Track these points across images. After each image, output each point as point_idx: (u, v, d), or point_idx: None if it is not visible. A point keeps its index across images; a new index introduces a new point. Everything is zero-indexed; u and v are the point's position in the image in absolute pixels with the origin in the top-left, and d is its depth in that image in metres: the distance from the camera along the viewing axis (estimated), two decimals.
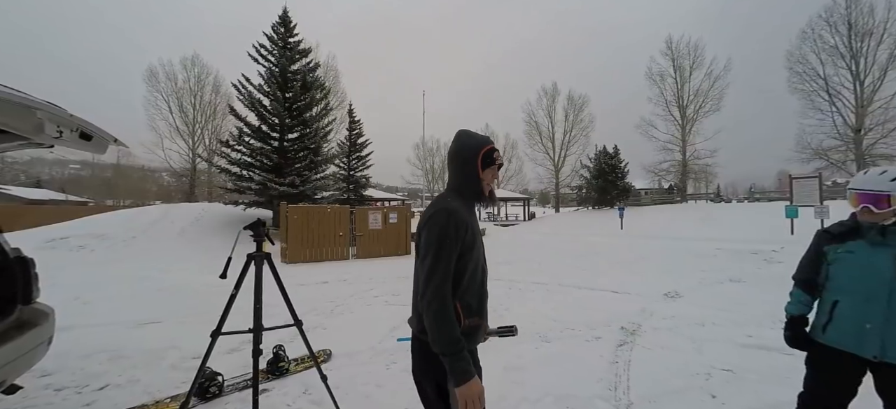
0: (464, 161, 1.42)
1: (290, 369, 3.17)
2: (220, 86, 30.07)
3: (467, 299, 1.35)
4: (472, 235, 1.35)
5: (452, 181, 1.45)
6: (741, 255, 9.94)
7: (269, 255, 2.11)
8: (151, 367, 3.38)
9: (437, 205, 1.35)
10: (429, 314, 1.23)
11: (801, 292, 1.90)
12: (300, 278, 7.96)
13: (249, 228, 2.04)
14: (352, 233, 11.51)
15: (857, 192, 1.67)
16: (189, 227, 13.22)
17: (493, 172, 1.45)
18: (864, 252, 1.64)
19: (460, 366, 1.20)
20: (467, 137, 1.46)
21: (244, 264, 2.06)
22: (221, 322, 2.01)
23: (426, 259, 1.27)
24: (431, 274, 1.24)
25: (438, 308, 1.22)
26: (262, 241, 2.06)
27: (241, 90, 14.24)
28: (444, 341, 1.21)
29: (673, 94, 31.23)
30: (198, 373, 2.02)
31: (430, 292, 1.23)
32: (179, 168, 29.97)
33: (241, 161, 14.04)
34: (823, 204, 13.65)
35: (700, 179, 33.40)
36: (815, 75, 24.98)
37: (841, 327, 1.69)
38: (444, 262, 1.24)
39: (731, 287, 6.43)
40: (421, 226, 1.36)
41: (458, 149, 1.44)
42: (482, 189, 1.43)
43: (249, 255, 2.05)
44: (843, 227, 1.76)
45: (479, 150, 1.41)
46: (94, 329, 4.47)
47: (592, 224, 21.26)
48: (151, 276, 7.99)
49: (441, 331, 1.22)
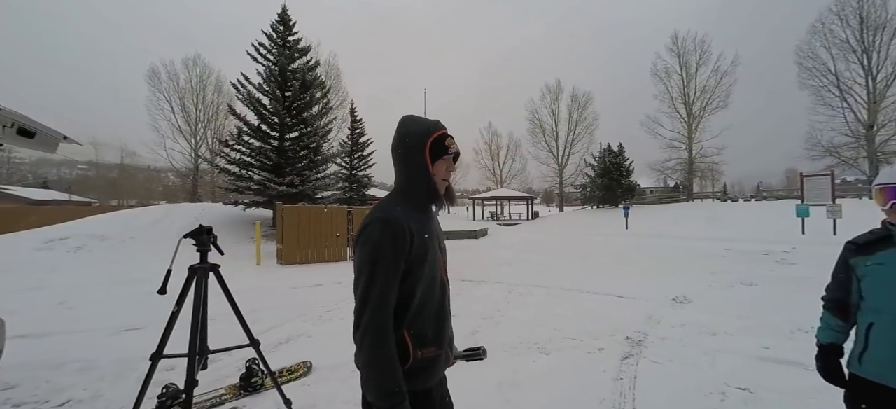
0: (407, 153, 1.13)
1: (264, 384, 2.93)
2: (222, 85, 30.06)
3: (419, 327, 1.08)
4: (420, 245, 1.06)
5: (397, 180, 1.17)
6: (751, 256, 9.58)
7: (217, 267, 1.85)
8: (119, 380, 3.16)
9: (371, 215, 1.07)
10: (362, 350, 0.98)
11: (830, 315, 1.59)
12: (294, 280, 7.74)
13: (190, 235, 1.79)
14: (349, 234, 11.28)
15: (886, 186, 1.41)
16: (189, 227, 12.97)
17: (447, 164, 1.16)
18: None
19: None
20: (412, 122, 1.16)
21: (186, 279, 1.81)
22: (162, 344, 1.77)
23: (359, 282, 1.01)
24: (365, 301, 0.99)
25: (373, 343, 0.97)
26: (206, 250, 1.80)
27: (241, 90, 14.08)
28: (379, 389, 0.96)
29: (679, 90, 30.68)
30: (138, 398, 1.78)
31: (365, 322, 0.98)
32: (182, 168, 30.02)
33: (240, 161, 13.89)
34: (836, 202, 13.22)
35: (706, 177, 32.84)
36: (825, 71, 24.37)
37: (878, 355, 1.38)
38: (379, 284, 0.98)
39: (742, 291, 6.10)
40: (353, 242, 1.10)
41: (400, 139, 1.15)
42: (433, 186, 1.14)
43: (191, 267, 1.79)
44: (873, 235, 1.47)
45: (426, 137, 1.12)
46: (72, 336, 4.28)
47: (597, 223, 20.88)
48: (145, 278, 7.81)
49: (375, 375, 0.97)
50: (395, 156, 1.16)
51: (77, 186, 44.41)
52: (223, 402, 2.74)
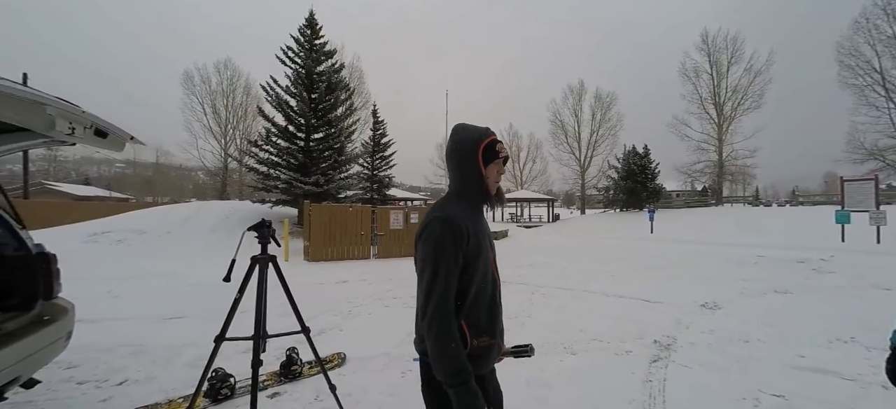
0: (463, 158, 1.23)
1: (303, 372, 3.09)
2: (251, 88, 31.23)
3: (475, 317, 1.18)
4: (476, 242, 1.16)
5: (453, 183, 1.28)
6: (786, 263, 9.20)
7: (274, 257, 2.00)
8: (169, 364, 3.39)
9: (431, 214, 1.18)
10: (429, 339, 1.08)
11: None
12: (321, 276, 7.99)
13: (253, 228, 1.94)
14: (373, 232, 11.52)
15: None
16: (219, 224, 13.67)
17: (497, 168, 1.27)
18: None
19: (466, 401, 1.04)
20: (465, 130, 1.27)
21: (248, 267, 1.96)
22: (225, 327, 1.93)
23: (423, 275, 1.12)
24: (430, 293, 1.08)
25: (440, 331, 1.06)
26: (266, 242, 1.95)
27: (269, 92, 14.60)
28: (448, 370, 1.05)
29: (709, 91, 29.69)
30: (202, 378, 1.94)
31: (430, 312, 1.08)
32: (213, 167, 31.33)
33: (268, 160, 14.40)
34: (880, 208, 12.50)
35: (737, 180, 31.56)
36: (869, 69, 23.05)
37: None
38: (443, 277, 1.08)
39: (776, 299, 5.90)
40: (416, 238, 1.20)
41: (456, 145, 1.25)
42: (487, 188, 1.25)
43: (253, 257, 1.95)
44: None
45: (478, 143, 1.22)
46: (120, 323, 4.59)
47: (620, 227, 20.46)
48: (180, 271, 8.25)
49: (443, 358, 1.06)
50: (451, 161, 1.27)
51: (115, 183, 47.02)
52: (265, 387, 2.91)
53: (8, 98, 1.75)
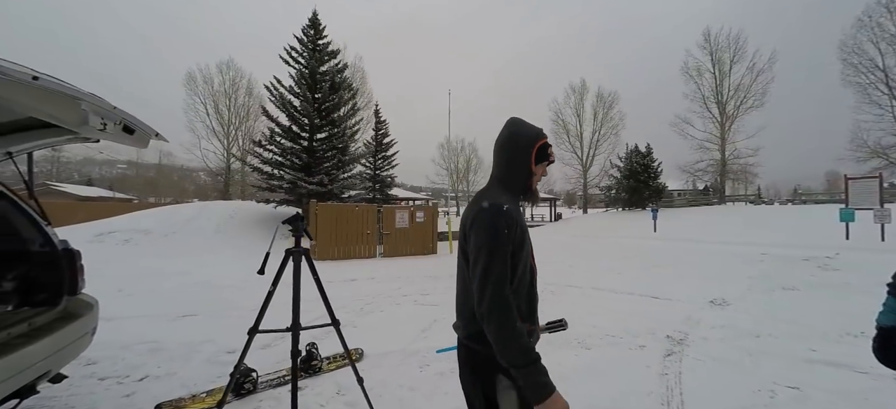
0: (516, 150, 1.27)
1: (322, 367, 3.13)
2: (253, 88, 31.26)
3: (518, 303, 1.20)
4: (521, 231, 1.20)
5: (499, 172, 1.30)
6: (791, 261, 9.21)
7: (308, 251, 2.04)
8: (188, 360, 3.43)
9: (484, 200, 1.20)
10: (491, 324, 1.08)
11: (894, 300, 1.64)
12: (329, 275, 8.02)
13: (288, 222, 1.98)
14: (379, 231, 11.57)
15: None
16: (224, 224, 13.71)
17: (543, 169, 1.32)
18: None
19: (536, 379, 1.04)
20: (522, 125, 1.31)
21: (282, 260, 2.00)
22: (259, 320, 1.96)
23: (479, 261, 1.12)
24: (486, 277, 1.09)
25: (501, 314, 1.07)
26: (300, 236, 1.98)
27: (273, 92, 14.64)
28: (514, 351, 1.05)
29: (711, 89, 29.62)
30: (235, 370, 1.97)
31: (489, 297, 1.08)
32: (215, 168, 31.38)
33: (272, 161, 14.44)
34: (884, 207, 12.49)
35: (739, 179, 31.50)
36: (872, 67, 22.99)
37: None
38: (499, 262, 1.10)
39: (783, 295, 5.93)
40: (466, 224, 1.21)
41: (511, 136, 1.29)
42: (531, 184, 1.30)
43: (288, 250, 1.99)
44: None
45: (535, 141, 1.26)
46: (135, 321, 4.63)
47: (623, 226, 20.46)
48: (189, 270, 8.30)
49: (508, 341, 1.06)
50: (503, 152, 1.30)
51: (118, 183, 47.16)
52: (287, 382, 2.95)
53: (43, 92, 1.76)
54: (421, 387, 2.88)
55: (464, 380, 1.32)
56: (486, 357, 1.22)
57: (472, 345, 1.23)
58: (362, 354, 3.48)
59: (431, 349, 3.63)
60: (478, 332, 1.22)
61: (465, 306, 1.28)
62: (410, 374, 3.11)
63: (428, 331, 4.22)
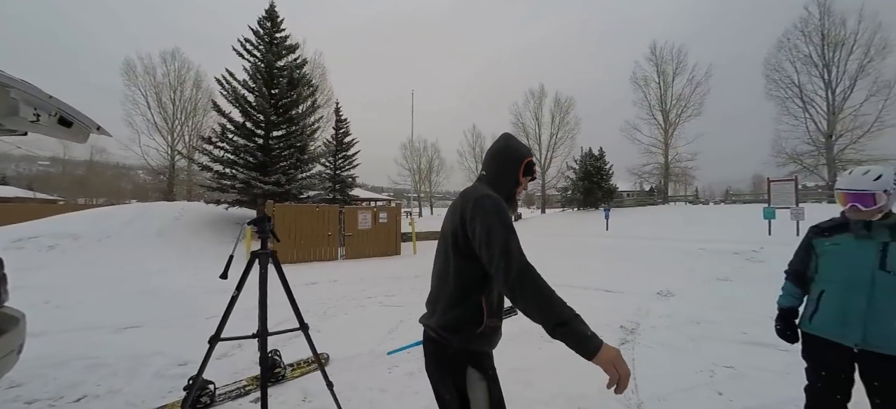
0: (508, 162, 1.41)
1: (286, 375, 3.02)
2: (202, 81, 29.23)
3: (492, 299, 1.29)
4: None
5: (489, 177, 1.42)
6: (724, 255, 10.19)
7: (275, 253, 1.96)
8: (134, 375, 3.17)
9: (479, 191, 1.28)
10: (526, 289, 1.07)
11: (791, 284, 1.98)
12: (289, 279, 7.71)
13: (254, 223, 1.89)
14: (341, 233, 11.28)
15: (845, 191, 1.73)
16: (168, 227, 12.70)
17: (526, 184, 1.46)
18: (849, 245, 1.72)
19: (584, 331, 1.03)
20: (516, 141, 1.47)
21: (248, 263, 1.91)
22: (221, 327, 1.86)
23: (495, 239, 1.13)
24: (506, 250, 1.11)
25: (534, 278, 1.08)
26: (267, 238, 1.91)
27: (225, 86, 13.78)
28: (557, 308, 1.05)
29: (657, 98, 32.00)
30: (195, 382, 1.86)
31: (516, 266, 1.09)
32: (157, 165, 28.89)
33: (223, 159, 13.60)
34: (799, 206, 14.18)
35: (680, 181, 34.30)
36: (790, 83, 26.04)
37: (826, 315, 1.75)
38: (514, 237, 1.15)
39: (719, 286, 6.56)
40: (466, 213, 1.23)
41: (505, 148, 1.43)
42: (515, 193, 1.43)
43: (253, 253, 1.90)
44: (833, 222, 1.84)
45: (524, 157, 1.41)
46: (69, 335, 4.19)
47: (579, 225, 21.50)
48: (129, 278, 7.62)
49: (548, 300, 1.05)
50: (496, 160, 1.42)
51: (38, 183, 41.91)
52: (247, 392, 2.81)
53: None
54: (391, 388, 2.87)
55: (432, 374, 1.35)
56: (458, 349, 1.26)
57: (445, 336, 1.25)
58: (328, 358, 3.40)
59: (400, 350, 3.63)
60: (451, 323, 1.25)
61: (440, 295, 1.31)
62: (379, 376, 3.09)
63: (395, 332, 4.20)
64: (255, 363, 3.21)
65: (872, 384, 1.65)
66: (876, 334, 1.61)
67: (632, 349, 3.59)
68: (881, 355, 1.61)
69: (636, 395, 2.71)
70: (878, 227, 1.67)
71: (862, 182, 1.68)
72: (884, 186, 1.64)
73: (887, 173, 1.66)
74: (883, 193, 1.64)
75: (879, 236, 1.66)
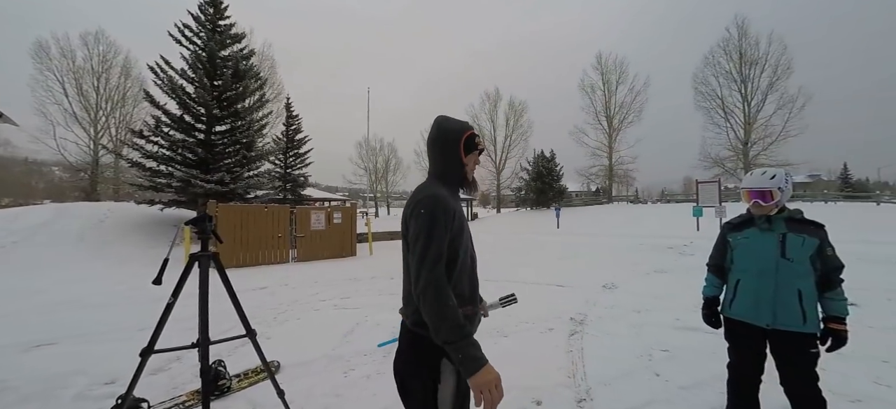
0: (445, 146, 1.36)
1: (232, 386, 2.83)
2: (132, 68, 26.41)
3: (460, 288, 1.30)
4: (459, 220, 1.30)
5: (434, 168, 1.39)
6: (660, 249, 11.13)
7: (217, 255, 1.83)
8: (49, 399, 2.80)
9: (422, 192, 1.28)
10: (426, 301, 1.13)
11: (712, 276, 2.26)
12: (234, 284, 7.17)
13: (193, 223, 1.75)
14: (292, 234, 10.77)
15: (747, 189, 2.01)
16: (91, 230, 11.36)
17: (474, 158, 1.42)
18: (756, 237, 1.99)
19: (470, 353, 1.10)
20: (447, 121, 1.40)
21: (186, 266, 1.76)
22: (155, 338, 1.70)
23: (417, 246, 1.18)
24: (423, 258, 1.15)
25: (436, 292, 1.12)
26: (208, 238, 1.77)
27: (160, 74, 12.59)
28: (448, 327, 1.11)
29: (602, 105, 34.18)
30: (124, 401, 1.68)
31: (425, 276, 1.14)
32: (77, 161, 25.63)
33: (158, 155, 12.42)
34: (722, 205, 15.85)
35: (622, 182, 36.95)
36: (714, 95, 29.17)
37: (742, 301, 2.01)
38: (435, 246, 1.17)
39: (657, 277, 7.15)
40: (407, 215, 1.27)
41: (440, 133, 1.37)
42: (465, 174, 1.40)
43: (193, 255, 1.75)
44: (741, 219, 2.12)
45: (461, 134, 1.36)
46: None
47: (532, 224, 22.36)
48: (43, 289, 6.70)
49: (442, 317, 1.11)
50: (434, 148, 1.37)
51: None
52: (188, 408, 2.60)
53: None
54: (347, 392, 2.80)
55: (402, 365, 1.34)
56: (432, 343, 1.27)
57: (420, 331, 1.26)
58: (279, 366, 3.24)
59: (357, 353, 3.55)
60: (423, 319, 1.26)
61: (411, 294, 1.31)
62: (335, 381, 2.99)
63: (351, 335, 4.10)
64: (196, 376, 2.97)
65: (782, 357, 1.91)
66: (782, 314, 1.86)
67: (581, 339, 3.81)
68: (787, 331, 1.86)
69: (585, 382, 2.88)
70: (776, 220, 1.95)
71: (761, 181, 1.96)
72: (778, 184, 1.92)
73: (780, 174, 1.96)
74: (778, 190, 1.92)
75: (778, 229, 1.93)
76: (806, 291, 1.84)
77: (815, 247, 1.85)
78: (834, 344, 1.84)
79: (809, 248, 1.85)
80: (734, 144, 28.66)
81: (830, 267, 1.86)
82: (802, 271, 1.85)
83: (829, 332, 1.85)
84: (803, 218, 1.94)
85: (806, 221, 1.93)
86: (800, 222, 1.92)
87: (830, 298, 1.86)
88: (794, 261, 1.86)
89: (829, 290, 1.86)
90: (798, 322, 1.83)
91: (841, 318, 1.84)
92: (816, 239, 1.86)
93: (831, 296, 1.86)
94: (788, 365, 1.89)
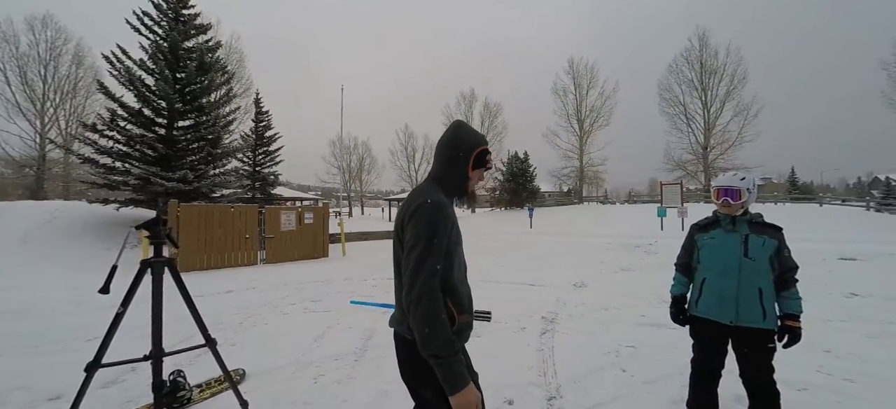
0: (456, 153, 1.33)
1: (193, 398, 2.68)
2: (84, 57, 24.67)
3: (458, 297, 1.27)
4: (457, 228, 1.27)
5: (437, 171, 1.35)
6: (627, 248, 11.58)
7: (172, 261, 1.72)
8: None
9: (422, 196, 1.23)
10: (416, 313, 1.10)
11: (680, 275, 2.36)
12: (197, 287, 6.85)
13: (144, 227, 1.63)
14: (261, 235, 10.39)
15: (718, 188, 2.13)
16: (37, 231, 10.49)
17: (480, 174, 1.39)
18: (721, 237, 2.10)
19: (454, 370, 1.08)
20: (464, 129, 1.37)
21: (136, 274, 1.64)
22: (102, 350, 1.57)
23: (414, 252, 1.14)
24: (419, 267, 1.11)
25: (429, 305, 1.09)
26: (161, 243, 1.66)
27: (116, 65, 11.80)
28: (436, 342, 1.08)
29: (574, 108, 35.14)
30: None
31: (419, 286, 1.10)
32: (22, 157, 23.59)
33: (114, 150, 11.63)
34: (684, 205, 16.70)
35: (593, 183, 38.22)
36: (677, 102, 30.82)
37: (708, 299, 2.12)
38: (434, 255, 1.13)
39: (623, 275, 7.42)
40: (404, 217, 1.23)
41: (453, 139, 1.34)
42: (467, 187, 1.37)
43: (144, 261, 1.63)
44: (707, 220, 2.23)
45: (474, 147, 1.33)
46: None
47: (506, 223, 22.67)
48: None
49: (432, 331, 1.09)
50: (444, 152, 1.34)
51: None
52: None
53: None
54: (316, 400, 2.71)
55: (405, 374, 1.31)
56: None
57: (411, 337, 1.22)
58: (244, 374, 3.11)
59: (327, 358, 3.46)
60: None
61: None
62: (303, 388, 2.90)
63: (321, 339, 4.00)
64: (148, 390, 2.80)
65: (742, 352, 2.02)
66: (745, 311, 1.97)
67: (552, 337, 3.88)
68: (748, 328, 1.97)
69: (555, 379, 2.94)
70: (740, 222, 2.07)
71: (732, 181, 2.08)
72: (747, 185, 2.05)
73: (749, 177, 2.10)
74: (746, 191, 2.05)
75: (742, 230, 2.05)
76: (766, 289, 1.96)
77: (774, 248, 1.97)
78: (790, 341, 1.96)
79: (769, 249, 1.97)
80: (695, 149, 30.36)
81: (787, 267, 1.98)
82: (763, 270, 1.97)
83: (786, 329, 1.97)
84: (763, 221, 2.06)
85: (766, 223, 2.06)
86: (761, 224, 2.05)
87: (787, 296, 1.98)
88: (756, 260, 1.97)
89: (786, 289, 1.98)
90: (758, 319, 1.95)
91: (796, 315, 1.97)
92: (775, 240, 1.99)
93: (787, 295, 1.98)
94: (748, 360, 2.00)
